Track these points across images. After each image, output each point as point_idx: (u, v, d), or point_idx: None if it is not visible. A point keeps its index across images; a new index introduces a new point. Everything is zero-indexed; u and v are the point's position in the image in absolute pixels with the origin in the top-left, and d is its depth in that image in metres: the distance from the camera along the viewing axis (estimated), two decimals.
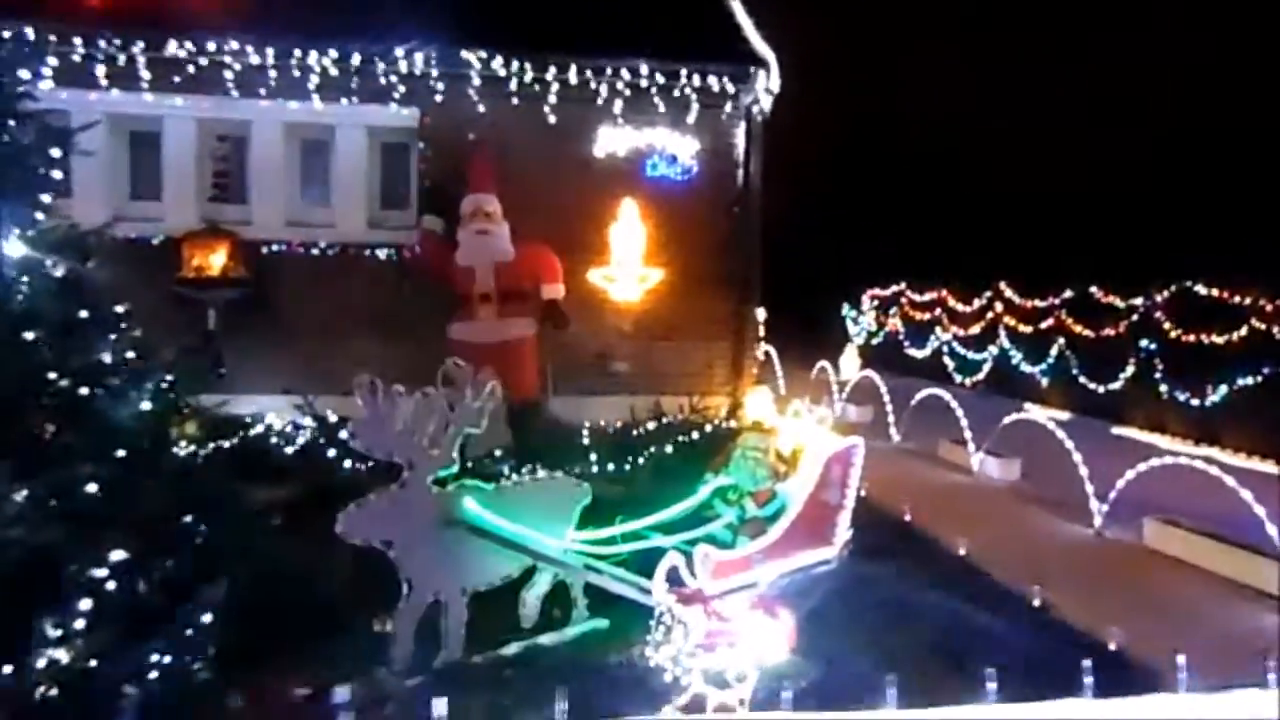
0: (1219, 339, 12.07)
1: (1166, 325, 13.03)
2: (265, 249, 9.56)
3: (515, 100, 9.85)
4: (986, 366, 17.40)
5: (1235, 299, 11.99)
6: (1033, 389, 15.82)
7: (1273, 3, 16.93)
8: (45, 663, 3.29)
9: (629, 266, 9.82)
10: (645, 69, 9.94)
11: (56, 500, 3.53)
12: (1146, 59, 19.50)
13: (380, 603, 4.38)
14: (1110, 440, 12.51)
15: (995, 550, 6.65)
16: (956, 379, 18.03)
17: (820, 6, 23.61)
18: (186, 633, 4.05)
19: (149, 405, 4.09)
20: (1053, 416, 10.62)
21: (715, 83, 10.14)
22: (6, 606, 3.29)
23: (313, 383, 8.14)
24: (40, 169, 4.00)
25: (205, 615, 4.21)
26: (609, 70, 9.92)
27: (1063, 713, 3.19)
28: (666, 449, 8.80)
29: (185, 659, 3.96)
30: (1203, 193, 18.49)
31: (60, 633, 3.52)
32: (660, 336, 10.10)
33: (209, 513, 4.60)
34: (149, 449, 4.12)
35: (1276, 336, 11.34)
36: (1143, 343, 13.44)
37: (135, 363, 4.40)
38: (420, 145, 9.87)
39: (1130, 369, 13.59)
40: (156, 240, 9.21)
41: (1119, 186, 20.20)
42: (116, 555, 3.90)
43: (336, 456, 7.23)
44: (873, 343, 22.18)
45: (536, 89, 9.88)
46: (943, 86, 24.95)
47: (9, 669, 3.18)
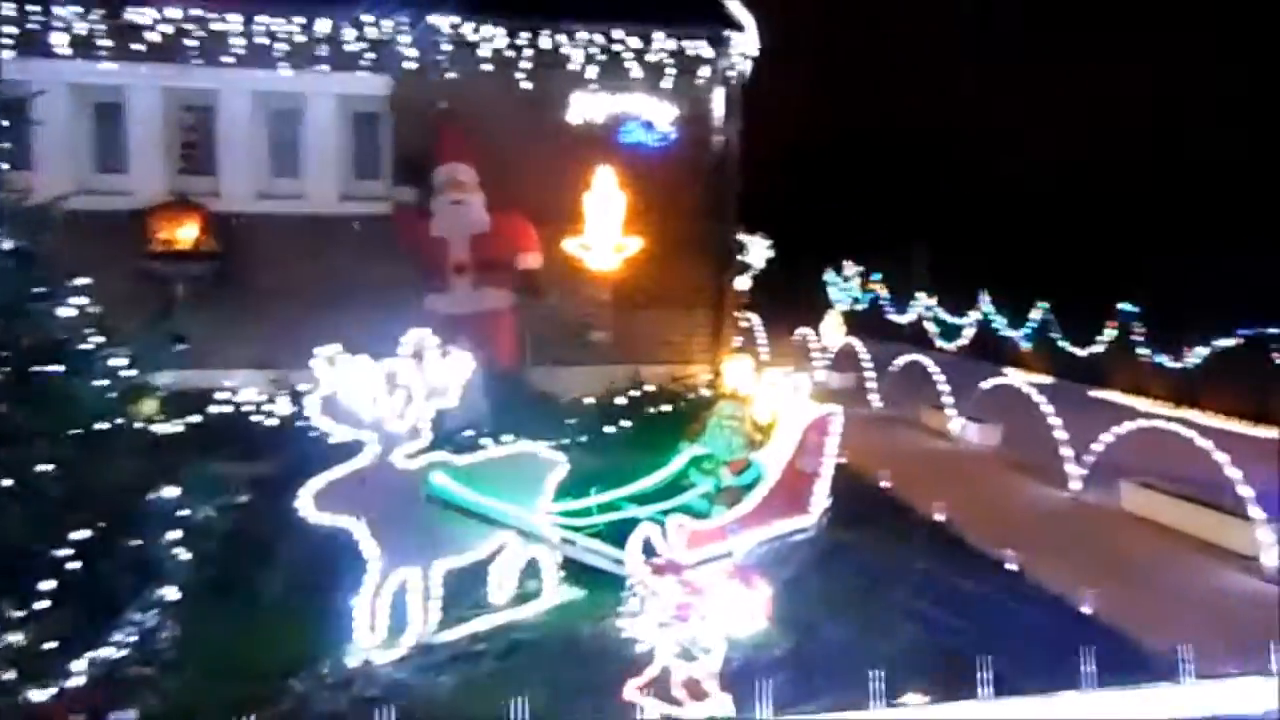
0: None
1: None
2: (235, 221, 9.38)
3: (487, 67, 9.66)
4: (969, 331, 17.41)
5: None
6: (1014, 353, 15.85)
7: None
8: (1, 646, 3.22)
9: (606, 235, 9.69)
10: (619, 33, 9.76)
11: (10, 479, 3.43)
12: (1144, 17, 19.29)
13: (351, 578, 4.32)
14: (1089, 404, 12.55)
15: (973, 516, 6.65)
16: (938, 344, 18.05)
17: None
18: (152, 612, 4.00)
19: (105, 382, 3.98)
20: (1033, 381, 10.61)
21: (691, 47, 9.98)
22: None
23: (287, 356, 8.01)
24: None
25: (171, 594, 4.15)
26: (582, 35, 9.73)
27: (1064, 706, 3.16)
28: (646, 418, 8.77)
29: (150, 638, 3.91)
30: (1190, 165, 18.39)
31: (18, 615, 3.46)
32: (639, 305, 10.00)
33: (177, 490, 4.53)
34: (109, 427, 4.02)
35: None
36: (1122, 305, 13.45)
37: (92, 339, 4.30)
38: (391, 114, 9.68)
39: (1110, 332, 13.62)
40: (123, 213, 9.01)
41: (1102, 152, 20.10)
42: (79, 535, 3.83)
43: (313, 430, 7.12)
44: (855, 309, 22.16)
45: (509, 55, 9.68)
46: (925, 47, 24.77)
47: None
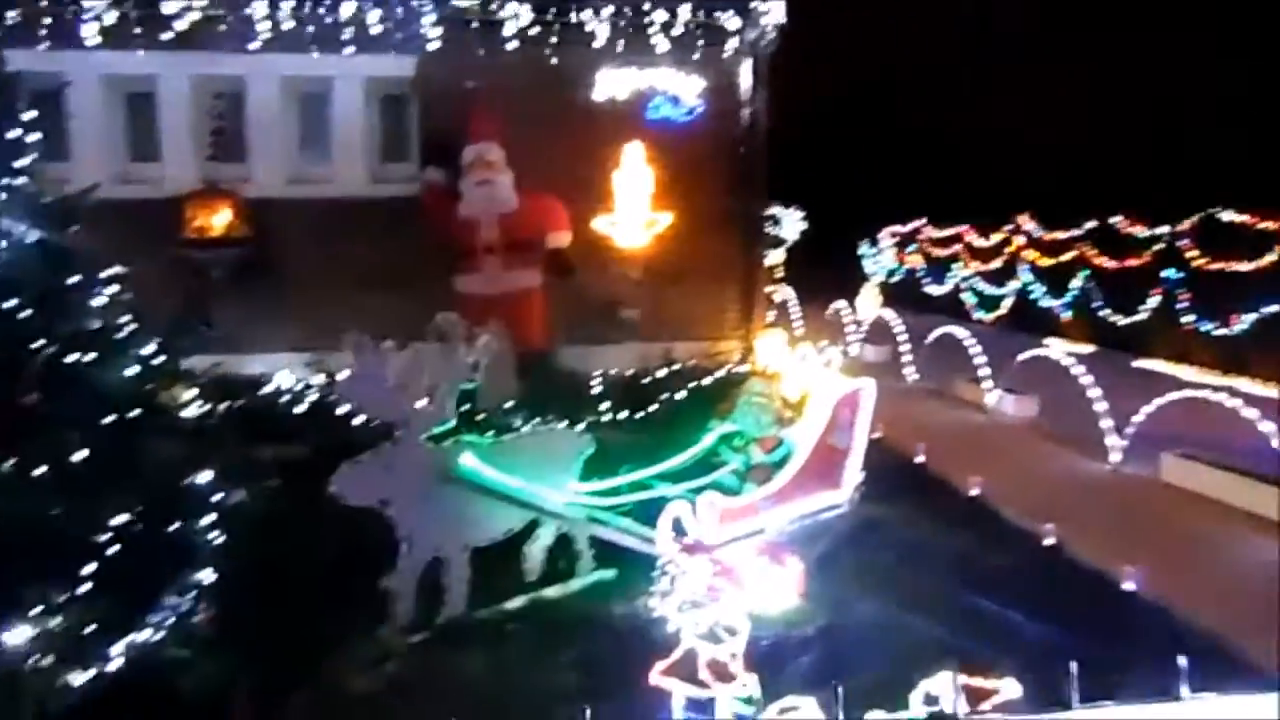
0: (1246, 266, 11.74)
1: (1191, 254, 12.69)
2: (266, 207, 9.46)
3: (513, 45, 9.61)
4: (1007, 302, 17.12)
5: (1263, 224, 11.63)
6: (1054, 323, 15.56)
7: None
8: (38, 630, 3.29)
9: (635, 212, 9.64)
10: (646, 6, 9.65)
11: (46, 468, 3.49)
12: None
13: (384, 559, 4.36)
14: (1131, 374, 12.29)
15: (1009, 490, 6.55)
16: (976, 315, 17.77)
17: None
18: (189, 595, 4.07)
19: (137, 369, 4.03)
20: (1072, 351, 10.42)
21: (718, 18, 9.84)
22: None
23: (320, 339, 8.10)
24: (10, 134, 3.90)
25: (207, 577, 4.22)
26: (608, 10, 9.64)
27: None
28: (678, 396, 8.73)
29: (187, 621, 3.98)
30: (1229, 115, 17.85)
31: (58, 599, 3.53)
32: (669, 282, 9.94)
33: (213, 474, 4.60)
34: (142, 413, 4.07)
35: None
36: (1167, 273, 13.11)
37: (125, 327, 4.36)
38: (418, 96, 9.68)
39: (1154, 300, 13.29)
40: (157, 201, 9.13)
41: (1140, 112, 19.54)
42: (116, 520, 3.90)
43: (346, 413, 7.19)
44: (891, 281, 21.89)
45: (535, 32, 9.62)
46: (961, 13, 24.17)
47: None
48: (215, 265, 9.00)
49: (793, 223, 21.70)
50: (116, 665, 3.54)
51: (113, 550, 3.80)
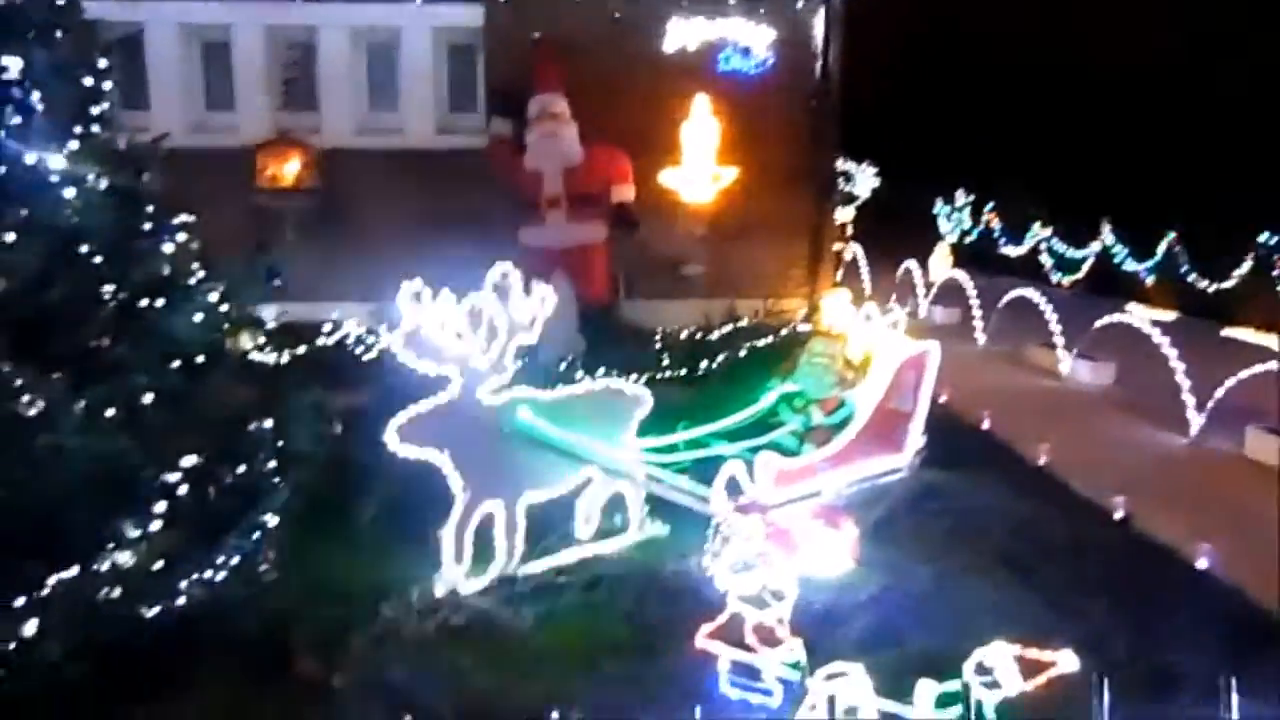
0: None
1: None
2: (336, 156, 9.57)
3: None
4: (1087, 264, 16.49)
5: None
6: (1137, 288, 14.95)
7: None
8: (109, 565, 3.42)
9: (702, 166, 9.47)
10: None
11: (115, 410, 3.61)
12: None
13: (441, 509, 4.42)
14: (1218, 343, 11.76)
15: (1079, 459, 6.34)
16: (1054, 278, 17.18)
17: None
18: (254, 535, 4.19)
19: (204, 315, 4.12)
20: (1155, 317, 10.00)
21: None
22: (70, 512, 3.41)
23: (386, 288, 8.19)
24: (86, 81, 3.98)
25: (271, 518, 4.34)
26: None
27: None
28: (740, 353, 8.65)
29: (252, 560, 4.11)
30: None
31: (128, 536, 3.66)
32: (735, 237, 9.79)
33: (279, 419, 4.71)
34: (209, 358, 4.18)
35: None
36: (1262, 237, 12.47)
37: (195, 274, 4.45)
38: (486, 46, 9.63)
39: (1247, 264, 12.66)
40: (231, 150, 9.30)
41: (1241, 58, 18.33)
42: (185, 461, 4.02)
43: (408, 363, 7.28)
44: (966, 241, 21.26)
45: None
46: None
47: (74, 571, 3.31)
48: (286, 214, 9.17)
49: (866, 179, 21.13)
50: (183, 601, 3.68)
51: (181, 490, 3.94)
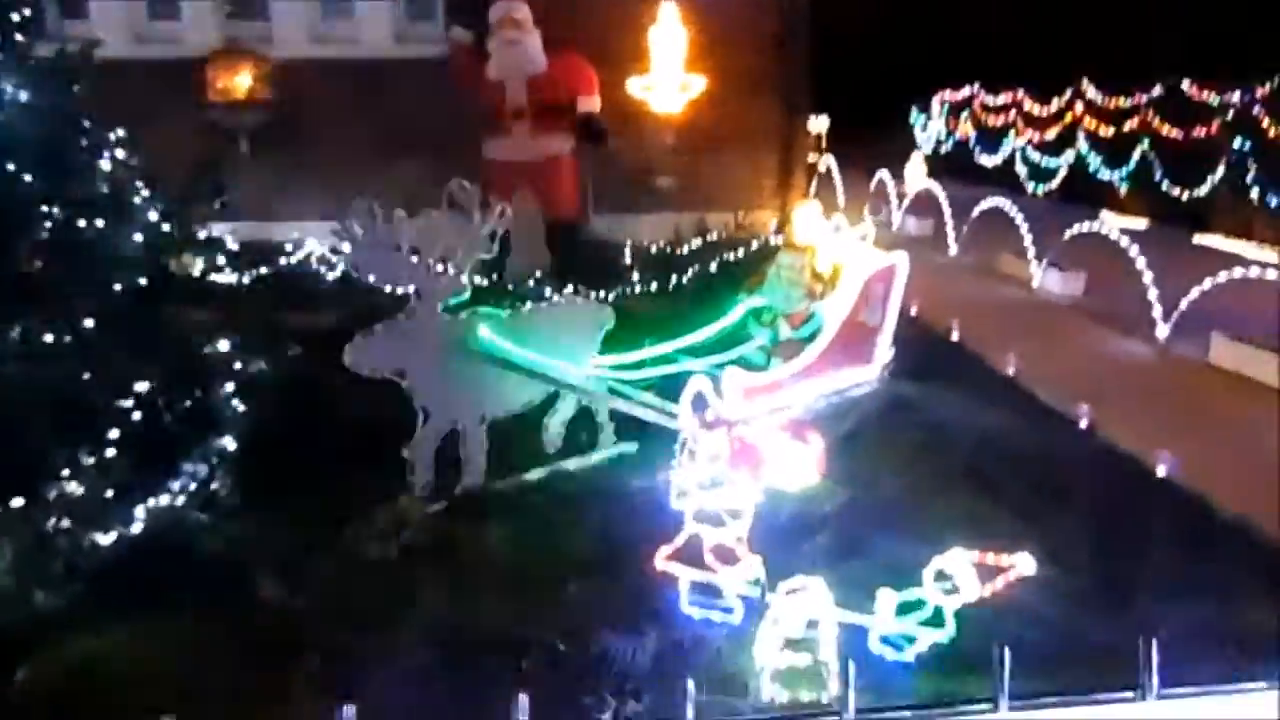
0: None
1: (1266, 122, 11.92)
2: (289, 67, 9.19)
3: None
4: (1062, 174, 16.38)
5: None
6: (1111, 197, 14.89)
7: None
8: (57, 494, 3.34)
9: (670, 75, 9.19)
10: None
11: (55, 335, 3.48)
12: None
13: (404, 430, 4.36)
14: (1190, 251, 11.79)
15: (1046, 370, 6.35)
16: (1029, 188, 17.07)
17: None
18: (212, 461, 4.12)
19: (145, 236, 3.96)
20: (1127, 226, 9.95)
21: None
22: (14, 440, 3.31)
23: (344, 206, 7.98)
24: None
25: (229, 444, 4.27)
26: None
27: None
28: (711, 267, 8.55)
29: (209, 487, 4.04)
30: None
31: (80, 464, 3.57)
32: (704, 149, 9.58)
33: (234, 342, 4.60)
34: (153, 280, 4.03)
35: None
36: (1237, 143, 12.37)
37: (136, 193, 4.27)
38: None
39: (1220, 171, 12.59)
40: (178, 62, 8.90)
41: None
42: (135, 386, 3.92)
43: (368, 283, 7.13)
44: (941, 151, 21.03)
45: None
46: None
47: (19, 502, 3.23)
48: (239, 130, 8.84)
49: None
50: (138, 529, 3.62)
51: (132, 416, 3.84)
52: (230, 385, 4.41)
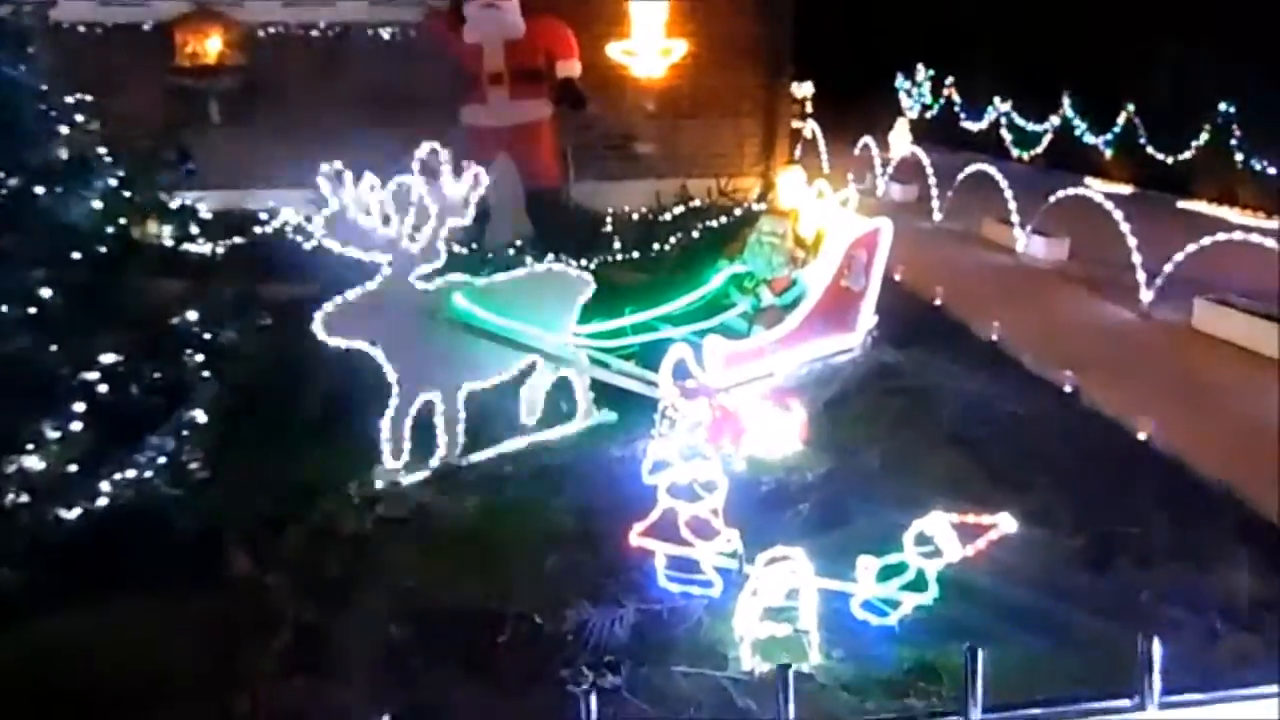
0: None
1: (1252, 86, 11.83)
2: (262, 32, 8.97)
3: None
4: (1047, 139, 16.29)
5: None
6: (1096, 161, 14.82)
7: None
8: (16, 468, 3.25)
9: (650, 39, 9.02)
10: None
11: (11, 306, 3.37)
12: None
13: (379, 401, 4.27)
14: (1174, 215, 11.75)
15: (1030, 336, 6.31)
16: (1014, 153, 16.98)
17: None
18: (180, 433, 4.03)
19: (105, 203, 3.83)
20: (1111, 191, 9.90)
21: None
22: None
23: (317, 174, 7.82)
24: None
25: (200, 415, 4.17)
26: None
27: None
28: (694, 235, 8.45)
29: (179, 459, 3.95)
30: None
31: (43, 437, 3.48)
32: (686, 114, 9.45)
33: (204, 311, 4.49)
34: (113, 249, 3.91)
35: None
36: (1221, 106, 12.29)
37: (98, 160, 4.14)
38: None
39: (1204, 136, 12.53)
40: (147, 27, 8.66)
41: None
42: (100, 358, 3.81)
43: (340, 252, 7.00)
44: (926, 116, 20.86)
45: None
46: None
47: None
48: (210, 96, 8.63)
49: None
50: (104, 503, 3.53)
51: (96, 388, 3.74)
52: (200, 356, 4.31)
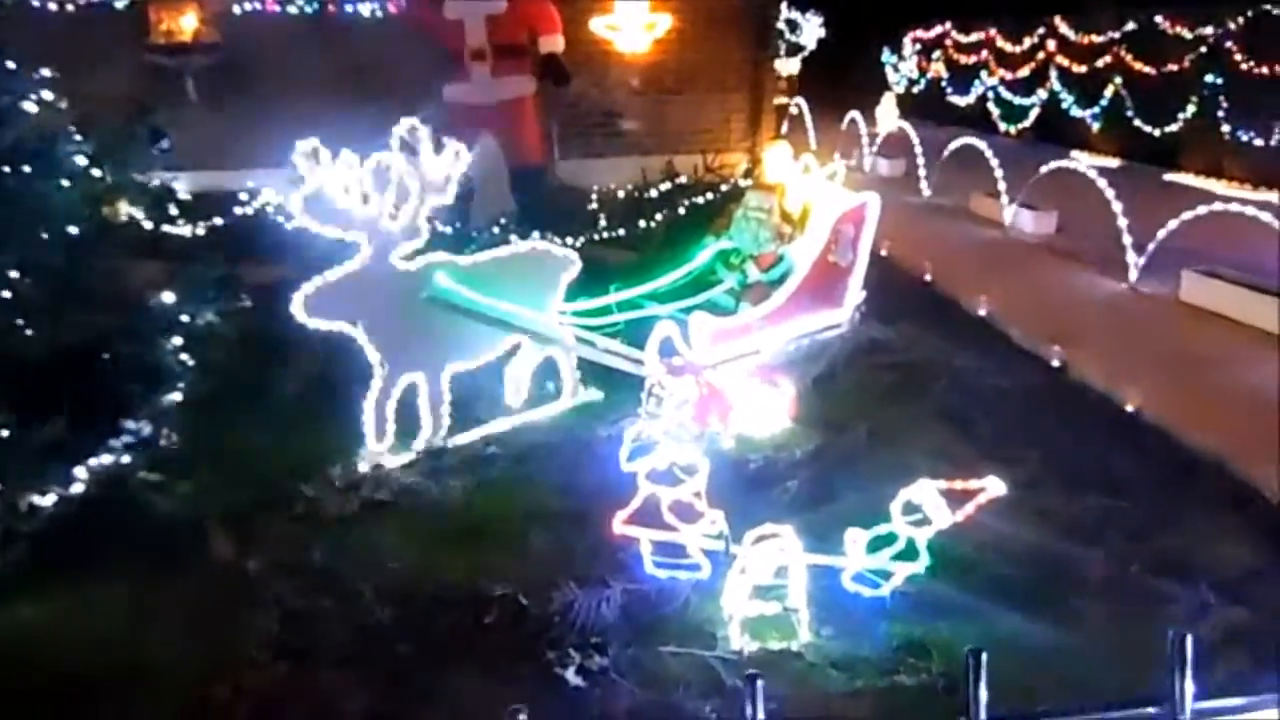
0: None
1: (1238, 56, 11.80)
2: (238, 8, 8.80)
3: None
4: (1034, 113, 16.23)
5: None
6: (1083, 135, 14.78)
7: None
8: None
9: (635, 13, 8.91)
10: None
11: None
12: None
13: (362, 383, 4.21)
14: (1161, 188, 11.73)
15: (1019, 309, 6.29)
16: (1001, 127, 16.92)
17: None
18: (156, 417, 3.96)
19: (73, 183, 3.74)
20: (1099, 164, 9.86)
21: None
22: None
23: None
24: None
25: (176, 398, 4.10)
26: None
27: None
28: (680, 211, 8.37)
29: (157, 444, 3.89)
30: None
31: (15, 421, 3.41)
32: (671, 90, 9.35)
33: (180, 293, 4.41)
34: (84, 230, 3.82)
35: None
36: (1209, 78, 12.26)
37: (67, 139, 4.04)
38: None
39: (1191, 108, 12.50)
40: (121, 4, 8.48)
41: None
42: (74, 340, 3.74)
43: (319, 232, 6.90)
44: (913, 91, 20.77)
45: None
46: None
47: None
48: (186, 74, 8.46)
49: (812, 29, 20.33)
50: (81, 488, 3.47)
51: (71, 371, 3.67)
52: (178, 339, 4.23)
